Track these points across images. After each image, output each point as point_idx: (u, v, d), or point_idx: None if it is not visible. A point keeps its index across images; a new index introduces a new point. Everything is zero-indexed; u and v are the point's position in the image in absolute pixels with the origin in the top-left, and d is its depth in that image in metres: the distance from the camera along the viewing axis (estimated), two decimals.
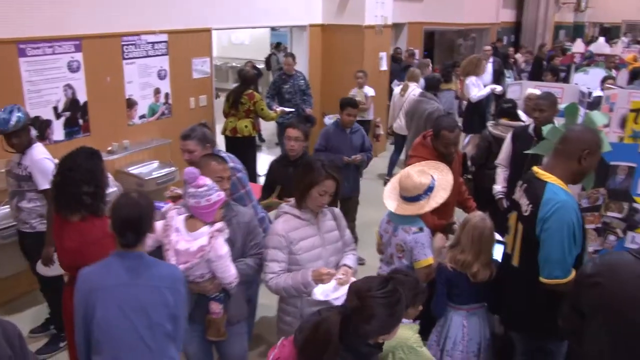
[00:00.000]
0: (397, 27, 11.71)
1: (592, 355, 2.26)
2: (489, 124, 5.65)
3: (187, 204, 2.88)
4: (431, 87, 7.29)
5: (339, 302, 2.83)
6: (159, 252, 2.83)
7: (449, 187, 3.46)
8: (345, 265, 3.08)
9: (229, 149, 6.96)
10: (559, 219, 2.69)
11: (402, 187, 3.40)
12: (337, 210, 3.26)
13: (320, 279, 2.92)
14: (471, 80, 8.16)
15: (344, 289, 2.84)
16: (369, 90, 8.27)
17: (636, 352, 2.07)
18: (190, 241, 2.80)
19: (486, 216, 3.39)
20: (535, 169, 2.92)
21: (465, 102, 8.67)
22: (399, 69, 10.40)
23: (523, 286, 2.93)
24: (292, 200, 3.11)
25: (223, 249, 2.83)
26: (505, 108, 5.64)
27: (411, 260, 3.35)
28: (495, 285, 3.23)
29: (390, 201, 3.46)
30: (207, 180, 2.83)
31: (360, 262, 4.23)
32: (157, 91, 6.34)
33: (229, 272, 2.86)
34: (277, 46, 13.58)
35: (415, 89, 7.99)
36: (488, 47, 10.89)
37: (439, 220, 3.84)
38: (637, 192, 3.56)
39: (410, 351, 2.83)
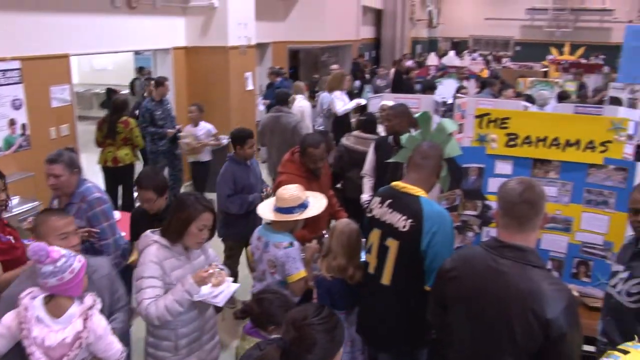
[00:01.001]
0: (261, 46, 11.88)
1: (456, 344, 2.45)
2: (345, 136, 5.90)
3: (44, 285, 2.44)
4: (281, 101, 7.40)
5: (219, 302, 2.87)
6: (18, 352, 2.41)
7: (320, 209, 3.57)
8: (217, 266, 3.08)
9: (108, 180, 6.73)
10: (445, 229, 2.85)
11: (279, 198, 3.47)
12: None
13: (203, 281, 2.88)
14: (336, 94, 8.48)
15: (221, 289, 2.93)
16: (204, 127, 7.49)
17: (492, 337, 2.27)
18: (61, 330, 2.41)
19: (351, 221, 3.55)
20: (397, 183, 3.03)
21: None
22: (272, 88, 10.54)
23: (396, 303, 2.98)
24: None
25: (101, 325, 2.51)
26: (363, 121, 5.88)
27: (284, 275, 3.41)
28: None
29: (265, 211, 3.53)
30: (60, 250, 2.46)
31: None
32: (12, 122, 5.95)
33: (113, 348, 2.56)
34: (140, 70, 13.28)
35: (301, 101, 8.22)
36: (335, 66, 11.03)
37: (309, 234, 3.96)
38: (488, 191, 3.87)
39: None
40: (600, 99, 9.06)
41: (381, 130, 5.70)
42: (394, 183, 3.07)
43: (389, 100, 6.21)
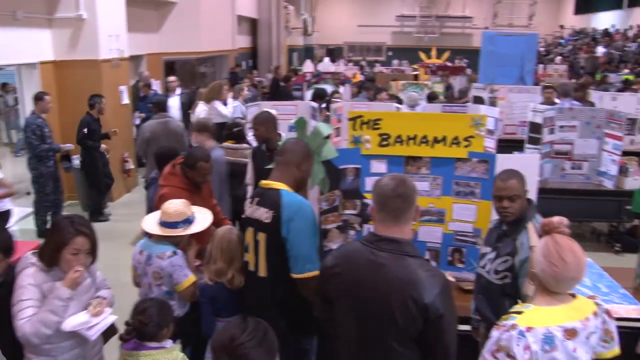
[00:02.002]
0: (135, 59, 11.55)
1: (343, 337, 2.54)
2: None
3: None
4: (160, 108, 7.31)
5: (92, 335, 2.77)
6: None
7: (205, 225, 3.56)
8: (98, 296, 3.00)
9: None
10: (303, 216, 2.92)
11: (164, 212, 3.42)
12: None
13: (74, 283, 2.77)
14: (216, 103, 8.37)
15: (99, 319, 2.84)
16: None
17: (376, 326, 2.38)
18: None
19: (233, 227, 3.59)
20: (262, 182, 3.14)
21: None
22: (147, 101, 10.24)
23: (273, 293, 3.05)
24: None
25: None
26: (231, 132, 5.88)
27: (171, 285, 3.36)
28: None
29: (150, 225, 3.46)
30: None
31: None
32: None
33: None
34: (3, 87, 12.45)
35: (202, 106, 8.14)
36: (172, 78, 10.54)
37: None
38: (366, 189, 4.03)
39: None
40: (466, 100, 9.70)
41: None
42: (261, 182, 3.16)
43: (267, 108, 6.27)
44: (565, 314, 2.28)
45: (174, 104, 9.42)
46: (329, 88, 8.21)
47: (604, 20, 29.57)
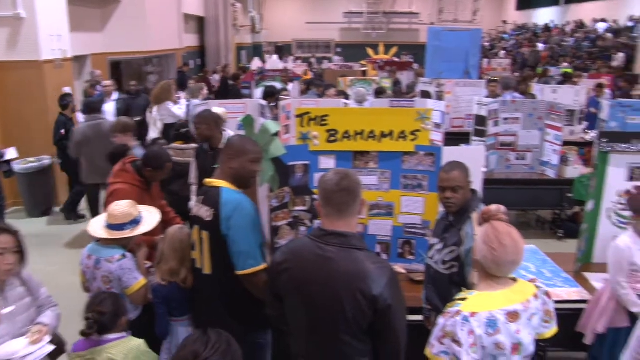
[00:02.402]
0: (79, 59, 11.27)
1: (295, 332, 2.56)
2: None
3: None
4: (94, 109, 7.19)
5: None
6: None
7: (153, 225, 3.54)
8: (39, 323, 2.94)
9: None
10: (242, 213, 2.94)
11: (110, 214, 3.37)
12: (25, 273, 3.05)
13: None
14: (169, 104, 8.17)
15: (34, 349, 2.78)
16: None
17: (326, 320, 2.40)
18: None
19: (184, 226, 3.57)
20: (206, 180, 3.15)
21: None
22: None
23: (219, 290, 3.07)
24: None
25: None
26: (179, 133, 5.83)
27: (121, 288, 3.31)
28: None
29: (96, 228, 3.41)
30: None
31: None
32: None
33: None
34: None
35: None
36: (108, 82, 10.00)
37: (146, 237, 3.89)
38: (315, 186, 4.05)
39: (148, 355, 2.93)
40: (414, 94, 9.86)
41: None
42: (205, 180, 3.18)
43: (216, 107, 6.24)
44: (507, 297, 2.37)
45: (109, 109, 8.97)
46: (277, 86, 8.19)
47: (544, 16, 30.64)
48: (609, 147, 4.41)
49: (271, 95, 8.55)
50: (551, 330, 2.51)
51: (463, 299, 2.35)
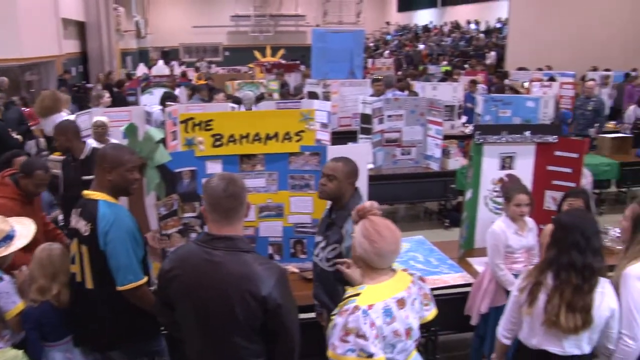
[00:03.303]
0: None
1: (188, 338, 2.53)
2: None
3: None
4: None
5: None
6: None
7: (30, 237, 3.34)
8: None
9: None
10: (119, 228, 2.88)
11: None
12: None
13: None
14: (58, 115, 7.61)
15: None
16: None
17: (218, 324, 2.41)
18: None
19: (53, 243, 3.40)
20: (84, 192, 3.05)
21: None
22: None
23: (103, 304, 2.99)
24: None
25: None
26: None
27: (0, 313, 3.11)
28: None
29: None
30: None
31: None
32: None
33: None
34: None
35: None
36: None
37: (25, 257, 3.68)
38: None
39: None
40: (302, 96, 9.97)
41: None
42: (83, 192, 3.08)
43: (99, 115, 6.02)
44: (393, 286, 2.49)
45: None
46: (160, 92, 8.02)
47: (423, 17, 32.19)
48: (482, 139, 4.71)
49: (172, 99, 8.23)
50: (432, 312, 2.65)
51: (356, 295, 2.41)
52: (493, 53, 21.52)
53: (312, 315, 3.50)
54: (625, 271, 2.89)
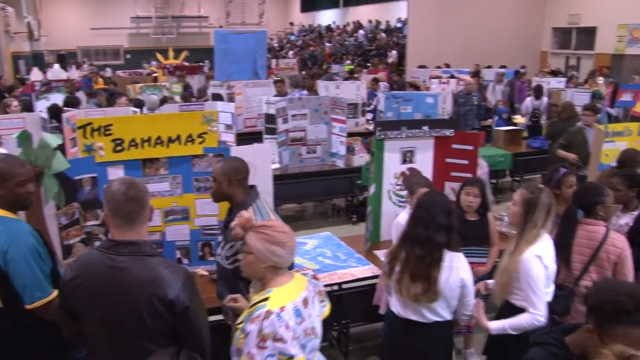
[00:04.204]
0: None
1: (97, 349, 2.48)
2: None
3: None
4: None
5: None
6: None
7: None
8: None
9: None
10: (19, 245, 2.74)
11: None
12: None
13: None
14: None
15: None
16: None
17: (126, 331, 2.37)
18: None
19: None
20: None
21: None
22: None
23: (17, 320, 2.86)
24: None
25: None
26: None
27: None
28: None
29: None
30: None
31: None
32: None
33: None
34: None
35: None
36: None
37: None
38: None
39: None
40: (206, 98, 9.87)
41: None
42: None
43: None
44: (297, 286, 2.54)
45: None
46: (61, 97, 7.69)
47: (326, 17, 32.67)
48: (383, 135, 4.89)
49: (73, 105, 7.85)
50: (328, 307, 2.72)
51: (265, 299, 2.42)
52: (394, 52, 22.22)
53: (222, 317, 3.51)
54: (524, 256, 3.16)
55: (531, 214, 3.24)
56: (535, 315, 3.12)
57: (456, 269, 3.06)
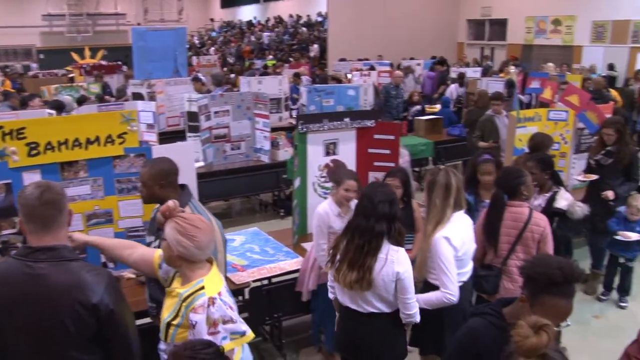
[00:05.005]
0: None
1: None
2: None
3: None
4: None
5: None
6: None
7: None
8: None
9: None
10: None
11: None
12: None
13: None
14: None
15: None
16: None
17: (48, 340, 2.31)
18: None
19: None
20: None
21: None
22: None
23: None
24: None
25: None
26: None
27: None
28: None
29: None
30: None
31: None
32: None
33: None
34: None
35: None
36: None
37: None
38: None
39: None
40: (126, 98, 9.63)
41: None
42: None
43: None
44: (219, 275, 2.60)
45: None
46: None
47: (247, 13, 32.49)
48: (305, 128, 4.94)
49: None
50: None
51: (201, 288, 2.43)
52: (316, 46, 22.36)
53: (147, 320, 3.48)
54: (434, 237, 3.31)
55: (430, 194, 3.45)
56: (446, 293, 3.28)
57: (392, 262, 3.10)
